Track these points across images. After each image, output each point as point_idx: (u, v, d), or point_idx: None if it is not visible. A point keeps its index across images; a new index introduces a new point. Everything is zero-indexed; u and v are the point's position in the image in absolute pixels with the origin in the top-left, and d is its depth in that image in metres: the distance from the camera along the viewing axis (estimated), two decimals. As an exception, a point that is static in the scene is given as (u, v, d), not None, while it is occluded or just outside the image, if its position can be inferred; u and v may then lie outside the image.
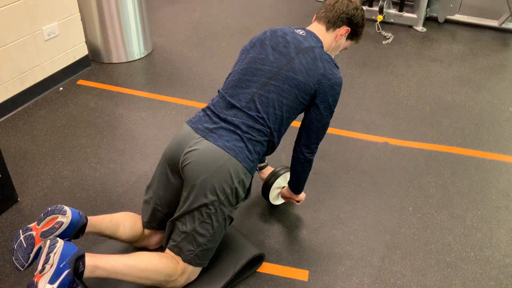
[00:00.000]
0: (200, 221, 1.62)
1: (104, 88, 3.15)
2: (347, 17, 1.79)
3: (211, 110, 1.71)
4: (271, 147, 1.75)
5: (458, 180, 2.40)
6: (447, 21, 4.31)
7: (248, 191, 1.74)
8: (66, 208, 1.57)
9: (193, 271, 1.70)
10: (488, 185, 2.37)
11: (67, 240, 1.56)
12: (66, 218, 1.55)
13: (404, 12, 4.19)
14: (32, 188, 2.28)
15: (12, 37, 2.72)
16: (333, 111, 1.78)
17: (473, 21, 4.27)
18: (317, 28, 1.82)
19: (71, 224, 1.56)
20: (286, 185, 2.09)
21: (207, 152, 1.61)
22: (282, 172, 2.11)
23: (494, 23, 4.20)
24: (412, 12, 4.21)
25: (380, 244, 2.01)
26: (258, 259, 1.88)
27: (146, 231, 1.83)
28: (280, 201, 2.20)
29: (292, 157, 1.88)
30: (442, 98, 3.14)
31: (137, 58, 3.54)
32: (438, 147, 2.64)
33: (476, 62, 3.64)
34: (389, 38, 3.99)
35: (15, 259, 1.54)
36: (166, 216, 1.77)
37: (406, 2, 4.23)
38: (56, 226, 1.54)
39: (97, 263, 1.49)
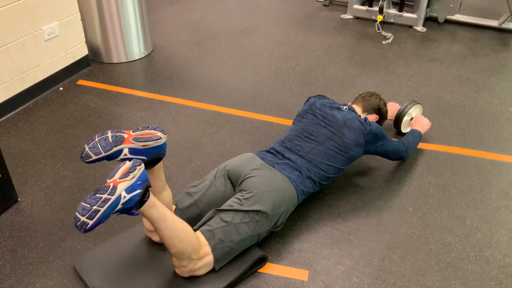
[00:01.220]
0: (245, 221, 1.78)
1: (104, 88, 3.15)
2: (378, 108, 2.42)
3: (276, 151, 2.08)
4: (325, 183, 2.12)
5: (458, 180, 2.40)
6: (447, 21, 4.31)
7: (283, 222, 1.95)
8: (165, 130, 1.69)
9: (208, 264, 1.74)
10: (488, 185, 2.37)
11: (144, 160, 1.64)
12: (164, 136, 1.66)
13: (404, 12, 4.19)
14: (32, 188, 2.28)
15: (12, 37, 2.72)
16: (386, 139, 2.25)
17: (473, 21, 4.26)
18: (356, 107, 2.38)
19: (163, 145, 1.67)
20: (414, 115, 2.69)
21: (273, 175, 1.93)
22: (409, 106, 2.64)
23: (494, 23, 4.20)
24: (412, 12, 4.21)
25: (380, 244, 2.01)
26: (260, 261, 1.88)
27: None
28: (409, 129, 2.68)
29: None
30: (442, 98, 3.14)
31: (137, 58, 3.54)
32: (438, 147, 2.64)
33: (476, 62, 3.64)
34: (389, 38, 3.99)
35: (89, 147, 1.59)
36: (199, 214, 1.90)
37: (406, 2, 4.23)
38: (154, 138, 1.64)
39: (156, 202, 1.58)
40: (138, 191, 1.49)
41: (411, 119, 2.69)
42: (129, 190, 1.47)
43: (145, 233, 1.91)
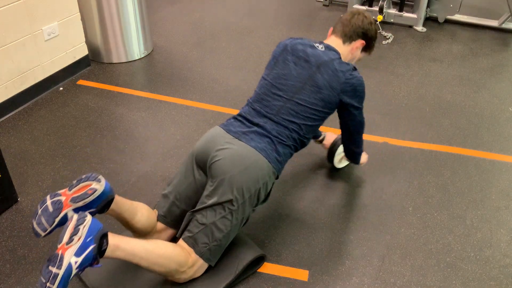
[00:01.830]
0: (221, 216, 1.68)
1: (104, 88, 3.15)
2: (362, 31, 1.99)
3: (243, 117, 1.87)
4: (300, 146, 1.91)
5: (458, 180, 2.40)
6: (447, 21, 4.31)
7: (268, 194, 1.83)
8: (100, 176, 1.59)
9: (201, 266, 1.72)
10: (488, 185, 2.37)
11: (93, 212, 1.57)
12: (100, 185, 1.56)
13: (404, 12, 4.19)
14: (32, 188, 2.28)
15: (12, 37, 2.72)
16: (361, 108, 1.96)
17: (473, 21, 4.27)
18: (334, 41, 1.99)
19: (103, 193, 1.57)
20: None
21: (239, 151, 1.73)
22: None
23: (494, 23, 4.20)
24: (412, 12, 4.21)
25: (380, 244, 2.01)
26: (259, 260, 1.88)
27: (159, 226, 1.85)
28: (343, 163, 2.44)
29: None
30: (442, 98, 3.14)
31: (137, 58, 3.54)
32: (438, 147, 2.64)
33: (476, 62, 3.64)
34: (389, 38, 3.99)
35: (37, 223, 1.53)
36: (182, 213, 1.82)
37: (406, 2, 4.23)
38: (90, 192, 1.54)
39: (119, 243, 1.51)
40: (91, 247, 1.42)
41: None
42: (79, 252, 1.40)
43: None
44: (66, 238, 1.43)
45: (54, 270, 1.37)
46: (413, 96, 3.14)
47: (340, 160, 2.39)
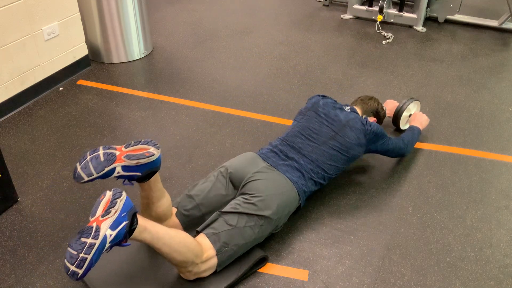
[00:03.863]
0: (250, 225, 1.78)
1: (104, 88, 3.15)
2: (376, 111, 2.46)
3: (279, 149, 2.07)
4: (326, 182, 2.12)
5: (458, 180, 2.40)
6: (447, 21, 4.31)
7: (283, 224, 1.96)
8: (159, 144, 1.64)
9: (212, 266, 1.73)
10: (488, 185, 2.37)
11: (138, 176, 1.61)
12: (157, 152, 1.61)
13: (404, 12, 4.19)
14: (32, 188, 2.28)
15: (12, 37, 2.72)
16: (387, 138, 2.27)
17: (473, 21, 4.26)
18: (355, 108, 2.36)
19: (156, 160, 1.62)
20: (413, 112, 2.74)
21: (277, 177, 1.92)
22: (408, 103, 2.66)
23: (494, 23, 4.20)
24: (412, 12, 4.21)
25: (380, 244, 2.01)
26: (261, 261, 1.88)
27: (171, 221, 1.87)
28: (408, 126, 2.69)
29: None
30: (442, 98, 3.14)
31: (137, 58, 3.54)
32: (438, 147, 2.64)
33: (476, 62, 3.64)
34: (389, 38, 3.99)
35: (81, 168, 1.53)
36: (200, 218, 1.89)
37: (406, 2, 4.23)
38: (147, 154, 1.58)
39: (146, 224, 1.53)
40: (124, 223, 1.44)
41: (410, 115, 2.73)
42: (114, 226, 1.41)
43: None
44: (101, 210, 1.43)
45: (89, 240, 1.36)
46: (413, 96, 3.14)
47: (406, 122, 2.75)
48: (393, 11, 4.22)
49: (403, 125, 2.74)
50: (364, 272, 1.88)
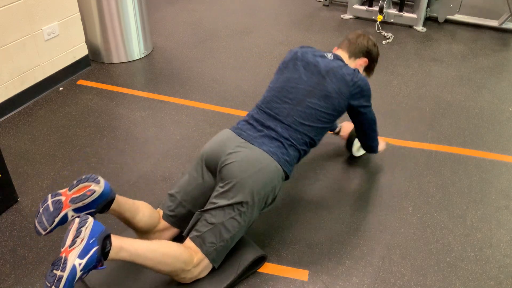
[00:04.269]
0: (230, 216, 1.70)
1: (104, 88, 3.15)
2: (367, 50, 2.13)
3: (254, 119, 1.91)
4: (310, 148, 1.96)
5: (458, 180, 2.40)
6: (447, 21, 4.31)
7: (274, 198, 1.84)
8: (100, 178, 1.59)
9: (206, 266, 1.72)
10: (488, 185, 2.37)
11: (93, 212, 1.58)
12: (98, 187, 1.57)
13: (404, 12, 4.19)
14: (32, 188, 2.28)
15: (12, 37, 2.72)
16: (371, 106, 2.06)
17: (473, 21, 4.27)
18: (342, 54, 2.12)
19: (102, 194, 1.58)
20: None
21: (251, 154, 1.76)
22: None
23: (494, 23, 4.20)
24: (412, 12, 4.21)
25: (380, 244, 2.01)
26: (260, 260, 1.88)
27: (161, 225, 1.85)
28: (361, 152, 2.49)
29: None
30: (442, 98, 3.14)
31: (137, 58, 3.54)
32: (438, 147, 2.64)
33: (476, 62, 3.64)
34: (389, 38, 3.99)
35: (38, 222, 1.54)
36: (188, 213, 1.83)
37: (406, 2, 4.23)
38: (88, 193, 1.55)
39: (122, 244, 1.51)
40: (94, 249, 1.42)
41: None
42: (82, 254, 1.40)
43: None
44: (69, 241, 1.43)
45: (58, 273, 1.37)
46: (413, 96, 3.14)
47: (358, 149, 2.47)
48: (393, 11, 4.22)
49: (357, 151, 2.48)
50: (364, 272, 1.88)
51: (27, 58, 2.86)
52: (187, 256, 1.66)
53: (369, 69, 2.21)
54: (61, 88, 3.13)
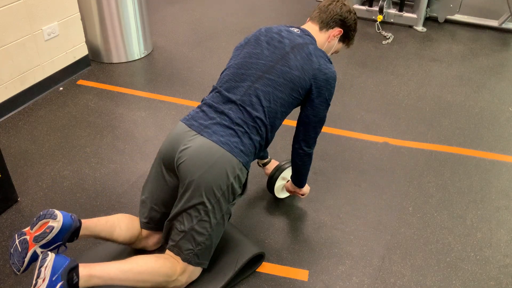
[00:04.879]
0: (198, 219, 1.61)
1: (104, 88, 3.15)
2: (340, 18, 1.84)
3: (207, 105, 1.72)
4: (265, 142, 1.74)
5: (458, 180, 2.40)
6: (447, 21, 4.31)
7: (244, 187, 1.74)
8: (57, 212, 1.56)
9: (194, 270, 1.70)
10: (488, 185, 2.37)
11: (60, 244, 1.57)
12: (56, 222, 1.55)
13: (404, 12, 4.19)
14: (32, 188, 2.28)
15: (12, 37, 2.72)
16: (329, 105, 1.81)
17: (473, 21, 4.27)
18: (311, 27, 1.87)
19: (63, 228, 1.56)
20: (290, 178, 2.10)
21: (202, 149, 1.61)
22: (286, 165, 2.14)
23: (494, 23, 4.20)
24: (412, 12, 4.21)
25: (380, 244, 2.01)
26: (258, 258, 1.88)
27: (144, 232, 1.83)
28: (285, 194, 2.23)
29: (292, 152, 1.91)
30: (442, 98, 3.14)
31: (137, 58, 3.54)
32: (438, 147, 2.64)
33: (476, 62, 3.64)
34: (389, 38, 3.99)
35: (11, 263, 1.55)
36: (163, 216, 1.77)
37: (406, 2, 4.23)
38: (47, 231, 1.54)
39: (91, 272, 1.49)
40: (59, 284, 1.41)
41: (288, 181, 2.13)
42: None
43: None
44: (33, 281, 1.43)
45: None
46: (413, 96, 3.14)
47: (282, 189, 2.20)
48: (393, 11, 4.22)
49: (279, 191, 2.20)
50: (364, 272, 1.88)
51: (27, 58, 2.86)
52: (168, 267, 1.63)
53: (346, 38, 1.92)
54: (61, 88, 3.13)
